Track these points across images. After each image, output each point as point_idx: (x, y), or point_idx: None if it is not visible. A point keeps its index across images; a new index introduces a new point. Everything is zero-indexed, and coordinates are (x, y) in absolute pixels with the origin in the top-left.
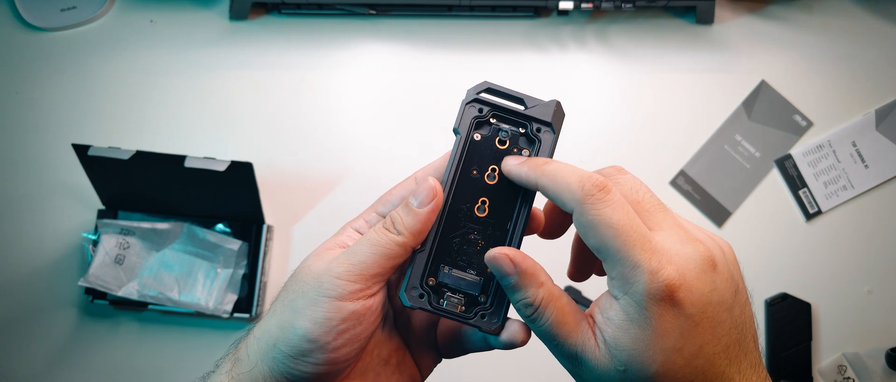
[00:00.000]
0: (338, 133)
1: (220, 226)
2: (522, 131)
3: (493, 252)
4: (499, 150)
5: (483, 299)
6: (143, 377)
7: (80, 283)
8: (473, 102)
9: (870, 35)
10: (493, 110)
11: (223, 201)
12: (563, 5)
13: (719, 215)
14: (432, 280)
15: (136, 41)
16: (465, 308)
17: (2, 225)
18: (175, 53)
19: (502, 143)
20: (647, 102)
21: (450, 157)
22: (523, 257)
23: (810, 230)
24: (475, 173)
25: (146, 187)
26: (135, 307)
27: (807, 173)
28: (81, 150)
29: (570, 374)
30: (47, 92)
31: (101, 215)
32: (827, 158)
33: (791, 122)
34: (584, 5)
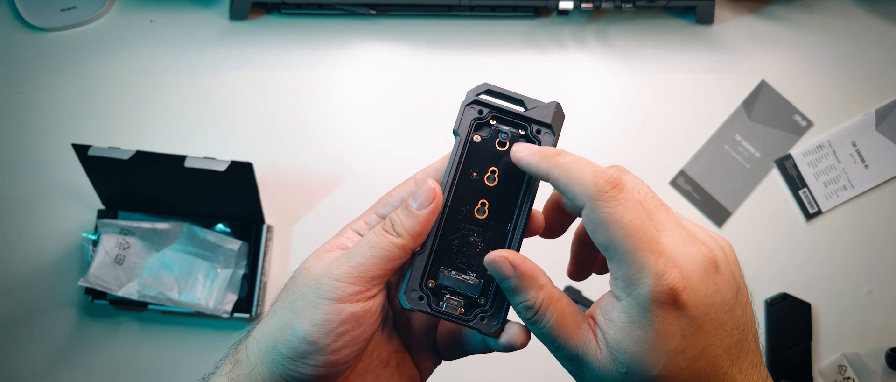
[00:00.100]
0: (338, 133)
1: (220, 226)
2: (522, 133)
3: (492, 255)
4: (499, 152)
5: (483, 301)
6: (143, 377)
7: (80, 283)
8: (473, 104)
9: (870, 35)
10: (493, 112)
11: (223, 201)
12: (563, 5)
13: (719, 215)
14: (432, 282)
15: (136, 41)
16: (464, 311)
17: (2, 225)
18: (175, 53)
19: (502, 144)
20: (647, 102)
21: (449, 158)
22: (523, 259)
23: (810, 230)
24: (475, 174)
25: (146, 187)
26: (135, 307)
27: (807, 173)
28: (81, 150)
29: (572, 376)
30: (47, 92)
31: (101, 215)
32: (827, 158)
33: (791, 122)
34: (584, 5)
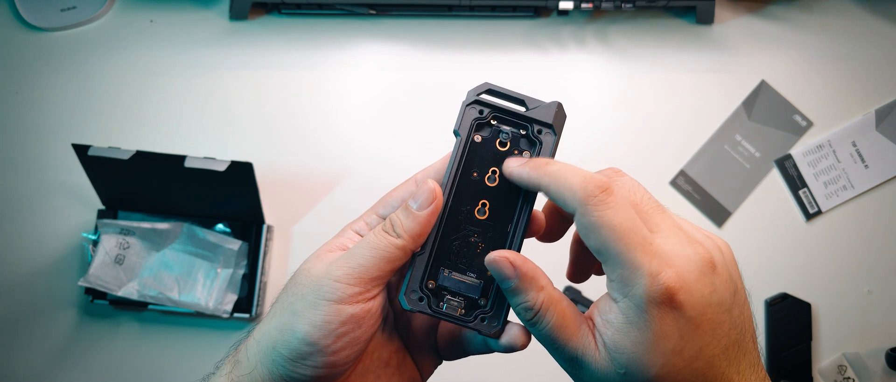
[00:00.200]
0: (338, 133)
1: (220, 226)
2: (523, 133)
3: (493, 255)
4: (499, 152)
5: (483, 302)
6: (143, 377)
7: (80, 283)
8: (474, 104)
9: (870, 35)
10: (494, 112)
11: (223, 201)
12: (563, 5)
13: (719, 215)
14: (432, 283)
15: (136, 41)
16: (464, 312)
17: (2, 225)
18: (175, 53)
19: (503, 145)
20: (647, 102)
21: (450, 159)
22: (523, 260)
23: (810, 230)
24: (475, 175)
25: (146, 187)
26: (135, 307)
27: (807, 173)
28: (81, 150)
29: (571, 377)
30: (47, 92)
31: (101, 215)
32: (827, 158)
33: (791, 122)
34: (584, 5)
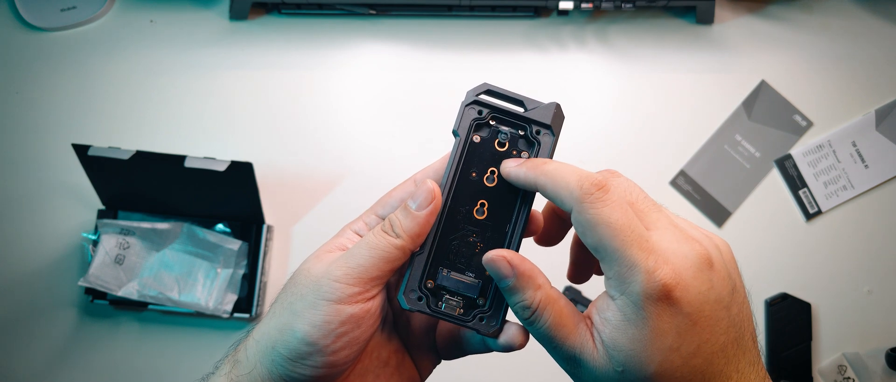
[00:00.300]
0: (338, 133)
1: (220, 226)
2: (522, 134)
3: (490, 254)
4: (498, 152)
5: (481, 301)
6: (143, 377)
7: (80, 283)
8: (473, 104)
9: (870, 35)
10: (493, 112)
11: (223, 201)
12: (563, 5)
13: (719, 215)
14: (431, 283)
15: (136, 41)
16: (463, 311)
17: (2, 225)
18: (175, 53)
19: (502, 145)
20: (647, 102)
21: (449, 159)
22: (521, 259)
23: (810, 230)
24: (474, 175)
25: (146, 187)
26: (135, 307)
27: (807, 173)
28: (81, 150)
29: (569, 376)
30: (47, 92)
31: (101, 215)
32: (827, 158)
33: (791, 122)
34: (584, 5)
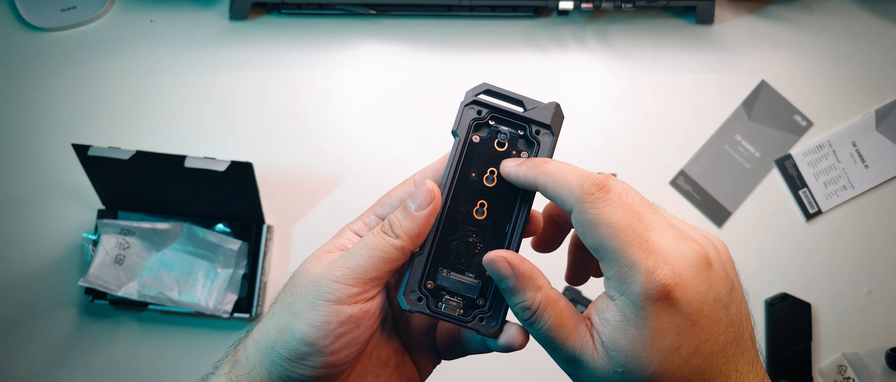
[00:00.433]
0: (338, 133)
1: (220, 226)
2: (521, 134)
3: (490, 255)
4: (498, 152)
5: (481, 302)
6: (143, 377)
7: (80, 283)
8: (472, 104)
9: (870, 35)
10: (492, 112)
11: (223, 201)
12: (563, 5)
13: (719, 215)
14: (430, 283)
15: (136, 41)
16: (463, 312)
17: (2, 225)
18: (175, 53)
19: (501, 145)
20: (647, 102)
21: (448, 159)
22: (521, 260)
23: (810, 230)
24: (474, 175)
25: (146, 187)
26: (135, 307)
27: (807, 173)
28: (81, 150)
29: (569, 376)
30: (47, 92)
31: (101, 215)
32: (827, 158)
33: (791, 122)
34: (584, 5)
